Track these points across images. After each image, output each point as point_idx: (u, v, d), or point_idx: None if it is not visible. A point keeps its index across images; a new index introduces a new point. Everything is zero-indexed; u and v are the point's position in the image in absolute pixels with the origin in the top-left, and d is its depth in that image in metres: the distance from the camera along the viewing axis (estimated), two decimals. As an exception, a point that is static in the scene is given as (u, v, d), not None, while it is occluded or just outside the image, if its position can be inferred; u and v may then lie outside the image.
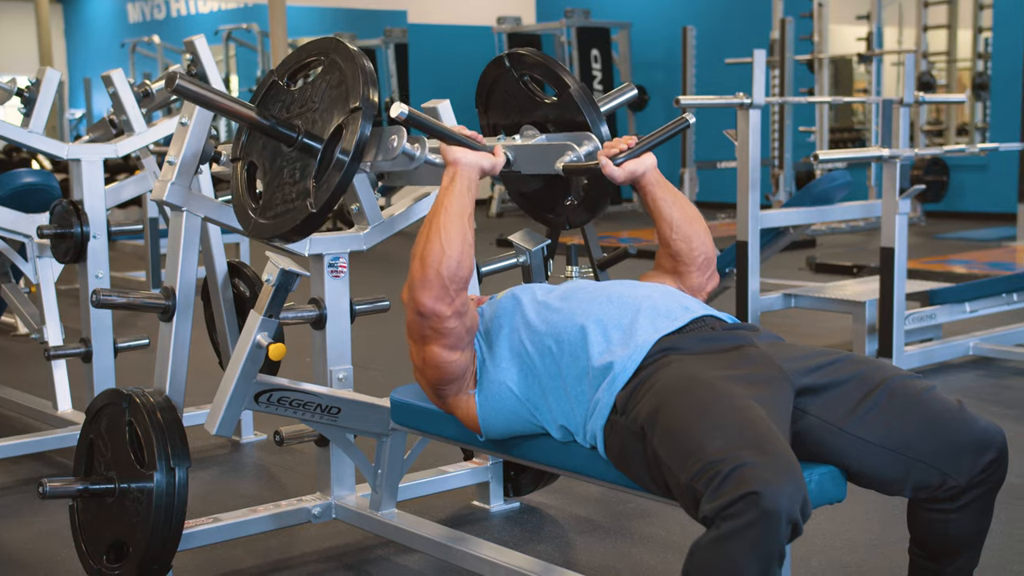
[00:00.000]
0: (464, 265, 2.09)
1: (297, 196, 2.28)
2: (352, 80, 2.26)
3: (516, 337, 2.16)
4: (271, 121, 2.33)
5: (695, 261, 2.34)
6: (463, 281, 2.10)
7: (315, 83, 2.34)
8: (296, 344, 3.57)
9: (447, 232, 2.09)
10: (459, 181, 2.16)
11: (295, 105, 2.37)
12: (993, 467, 1.88)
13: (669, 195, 2.32)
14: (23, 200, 4.11)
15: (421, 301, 2.09)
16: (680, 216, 2.32)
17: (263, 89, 2.46)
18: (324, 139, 2.28)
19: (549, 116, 2.55)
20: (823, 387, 1.95)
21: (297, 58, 2.43)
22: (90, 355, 3.55)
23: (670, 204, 2.32)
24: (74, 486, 2.54)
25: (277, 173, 2.36)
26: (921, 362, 4.69)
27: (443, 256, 2.07)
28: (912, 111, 9.14)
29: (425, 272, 2.08)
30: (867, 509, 3.06)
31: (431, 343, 2.14)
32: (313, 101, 2.32)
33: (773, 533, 1.62)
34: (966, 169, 10.98)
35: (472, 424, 2.22)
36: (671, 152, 12.67)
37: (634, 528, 3.00)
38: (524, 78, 2.60)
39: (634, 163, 2.27)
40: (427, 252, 2.09)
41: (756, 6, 11.73)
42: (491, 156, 2.24)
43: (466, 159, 2.20)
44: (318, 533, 3.00)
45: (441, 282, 2.08)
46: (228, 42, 14.21)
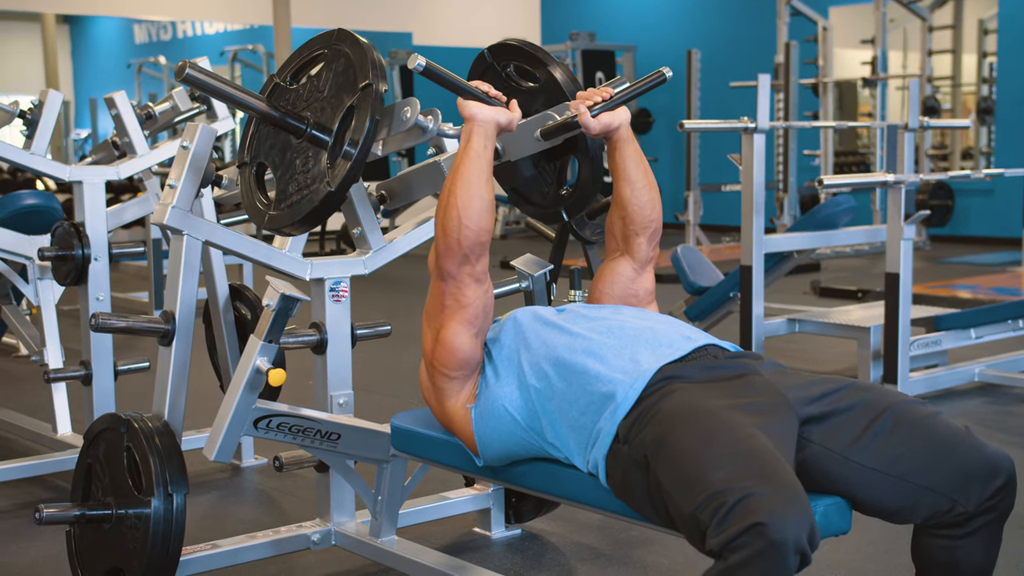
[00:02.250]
0: (484, 230, 2.15)
1: (313, 180, 2.31)
2: (359, 63, 2.28)
3: (516, 360, 2.15)
4: (280, 112, 2.34)
5: (647, 228, 2.37)
6: (484, 246, 2.16)
7: (319, 75, 2.37)
8: (298, 367, 3.55)
9: (464, 200, 2.13)
10: (476, 138, 2.18)
11: (301, 100, 2.40)
12: (1002, 493, 1.86)
13: (636, 155, 2.36)
14: (24, 222, 4.10)
15: (445, 267, 2.15)
16: (642, 179, 2.35)
17: (265, 93, 2.46)
18: (334, 126, 2.30)
19: (537, 104, 2.55)
20: (827, 415, 1.93)
21: (299, 56, 2.45)
22: (90, 378, 3.53)
23: (635, 164, 2.35)
24: (71, 512, 2.52)
25: (288, 166, 2.38)
26: (926, 388, 4.67)
27: (461, 226, 2.13)
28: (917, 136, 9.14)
29: (447, 241, 2.14)
30: (873, 538, 3.03)
31: (450, 316, 2.16)
32: (319, 91, 2.35)
33: (781, 564, 1.60)
34: (971, 194, 10.98)
35: (469, 442, 2.20)
36: (676, 175, 12.70)
37: (636, 556, 2.97)
38: (507, 69, 2.60)
39: (609, 116, 2.31)
40: (447, 221, 2.14)
41: (761, 30, 11.76)
42: (507, 111, 2.25)
43: (483, 114, 2.21)
44: (317, 560, 2.97)
45: (462, 250, 2.14)
46: (234, 63, 14.25)
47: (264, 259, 2.69)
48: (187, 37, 17.56)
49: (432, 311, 2.21)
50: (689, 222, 9.42)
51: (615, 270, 2.40)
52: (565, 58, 12.22)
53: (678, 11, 13.29)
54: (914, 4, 10.63)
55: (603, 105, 2.30)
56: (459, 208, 2.13)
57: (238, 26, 16.26)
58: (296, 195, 2.35)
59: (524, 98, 2.55)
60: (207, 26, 17.10)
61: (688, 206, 9.53)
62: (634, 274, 2.39)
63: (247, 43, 14.52)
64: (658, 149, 12.51)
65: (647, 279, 2.40)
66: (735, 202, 4.71)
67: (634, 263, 2.38)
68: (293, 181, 2.36)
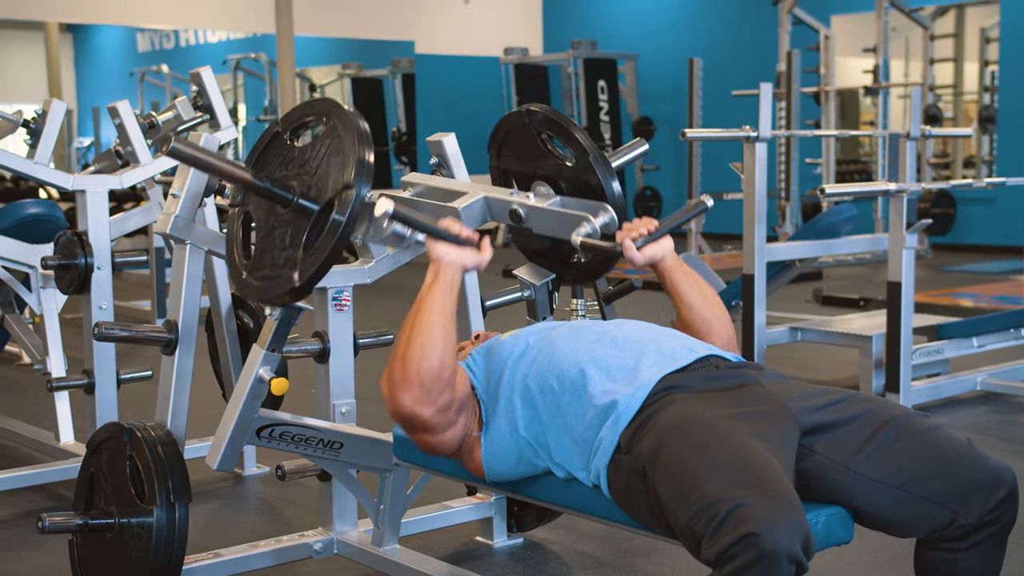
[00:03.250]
0: (446, 365, 2.06)
1: (284, 263, 2.23)
2: (349, 151, 2.19)
3: (519, 376, 2.15)
4: (266, 183, 2.27)
5: (716, 342, 2.33)
6: (445, 381, 2.07)
7: (316, 146, 2.29)
8: (301, 375, 3.55)
9: (429, 334, 2.06)
10: (442, 279, 2.13)
11: (294, 164, 2.31)
12: (1004, 506, 1.86)
13: (688, 278, 2.35)
14: (27, 230, 4.10)
15: (401, 403, 2.07)
16: (699, 300, 2.34)
17: (266, 139, 2.41)
18: (320, 205, 2.21)
19: (563, 174, 2.60)
20: (829, 425, 1.94)
21: (301, 113, 2.39)
22: (93, 387, 3.53)
23: (688, 288, 2.34)
24: (74, 521, 2.52)
25: (269, 232, 2.30)
26: (928, 397, 4.66)
27: (423, 358, 2.04)
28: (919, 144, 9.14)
29: (406, 373, 2.05)
30: (875, 548, 3.03)
31: (418, 434, 2.14)
32: (311, 164, 2.27)
33: (775, 573, 1.61)
34: (973, 202, 10.97)
35: (476, 469, 2.21)
36: (677, 184, 12.70)
37: (638, 566, 2.97)
38: (542, 135, 2.63)
39: (653, 247, 2.29)
40: (408, 353, 2.06)
41: (763, 39, 11.76)
42: (475, 254, 2.17)
43: (449, 256, 2.15)
44: (319, 569, 2.97)
45: (422, 384, 2.05)
46: (236, 71, 14.27)
47: (267, 268, 2.68)
48: (190, 46, 17.58)
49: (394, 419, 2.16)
50: (691, 230, 9.42)
51: None
52: (567, 67, 12.24)
53: (680, 20, 13.30)
54: (916, 13, 10.63)
55: (648, 238, 2.28)
56: (422, 339, 2.05)
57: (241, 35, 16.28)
58: (269, 270, 2.28)
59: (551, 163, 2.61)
60: (210, 35, 17.13)
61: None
62: None
63: (250, 51, 14.54)
64: (660, 157, 12.51)
65: None
66: (737, 210, 4.71)
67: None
68: (270, 252, 2.30)
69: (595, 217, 2.35)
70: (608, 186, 2.52)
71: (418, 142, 13.45)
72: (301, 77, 13.79)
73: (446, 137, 2.91)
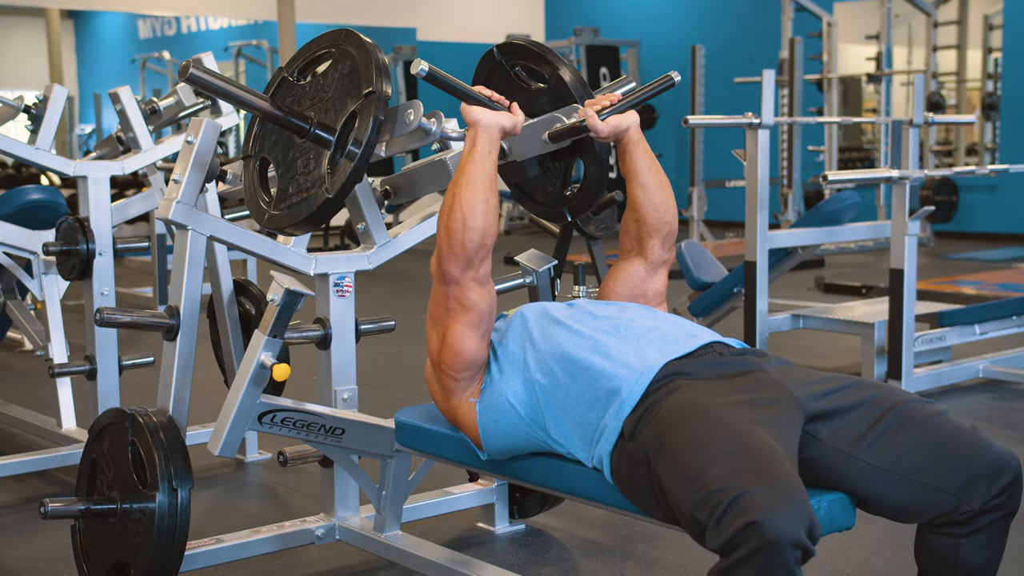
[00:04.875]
0: (488, 233, 2.14)
1: (312, 184, 2.30)
2: (364, 67, 2.28)
3: (521, 356, 2.15)
4: (284, 112, 2.34)
5: (660, 230, 2.37)
6: (488, 249, 2.16)
7: (326, 74, 2.37)
8: (303, 361, 3.55)
9: (469, 203, 2.13)
10: (480, 143, 2.18)
11: (306, 99, 2.39)
12: (1008, 492, 1.86)
13: (647, 157, 2.37)
14: (29, 217, 4.10)
15: (449, 271, 2.14)
16: (654, 181, 2.36)
17: (272, 86, 2.47)
18: (337, 128, 2.29)
19: (544, 104, 2.55)
20: (834, 412, 1.93)
21: (307, 52, 2.45)
22: (95, 373, 3.53)
23: (647, 166, 2.36)
24: (76, 506, 2.52)
25: (290, 165, 2.38)
26: (930, 384, 4.66)
27: (466, 228, 2.12)
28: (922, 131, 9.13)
29: (451, 244, 2.13)
30: (878, 534, 3.03)
31: (455, 319, 2.16)
32: (324, 91, 2.35)
33: (780, 560, 1.61)
34: (976, 189, 10.96)
35: (473, 435, 2.21)
36: (680, 171, 12.68)
37: (640, 552, 2.97)
38: (515, 68, 2.60)
39: (618, 118, 2.32)
40: (451, 224, 2.13)
41: (765, 25, 11.74)
42: (511, 115, 2.26)
43: (487, 119, 2.21)
44: (321, 555, 2.98)
45: (466, 253, 2.13)
46: (238, 58, 14.25)
47: (268, 254, 2.69)
48: (191, 32, 17.56)
49: (436, 314, 2.21)
50: (693, 218, 9.41)
51: (626, 269, 2.40)
52: (569, 54, 12.21)
53: (682, 7, 13.28)
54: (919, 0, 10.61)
55: (611, 109, 2.31)
56: (464, 211, 2.12)
57: (242, 21, 16.27)
58: (296, 196, 2.34)
59: (531, 98, 2.55)
60: (211, 21, 17.11)
61: (692, 202, 9.52)
62: (645, 275, 2.39)
63: (251, 38, 14.53)
64: (662, 145, 12.50)
65: (658, 280, 2.40)
66: (739, 198, 4.71)
67: (646, 264, 2.39)
68: (294, 182, 2.36)
69: (567, 118, 2.37)
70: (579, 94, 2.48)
71: (420, 129, 13.43)
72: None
73: (449, 123, 2.89)
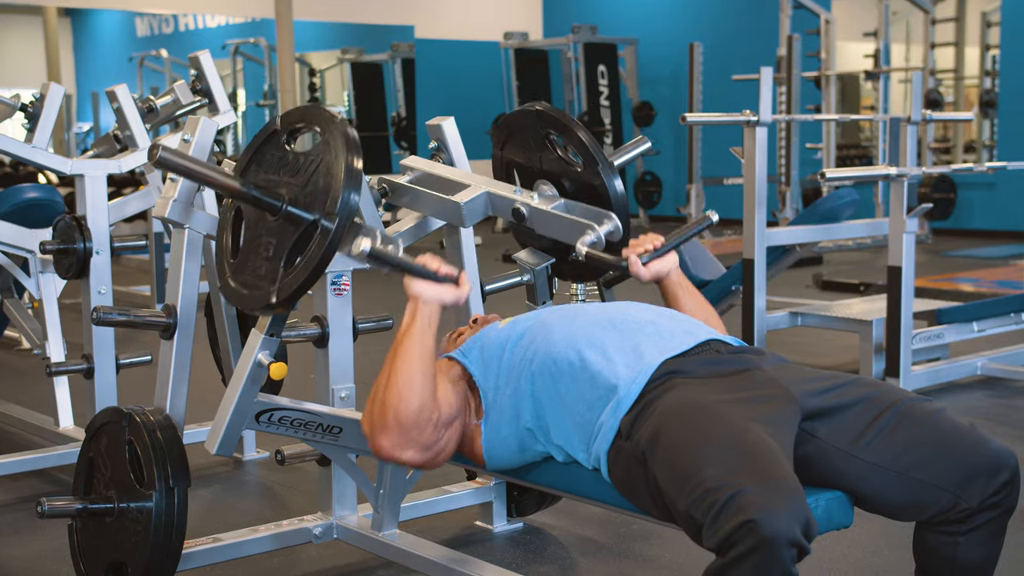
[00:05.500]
0: (425, 407, 2.06)
1: (265, 274, 2.22)
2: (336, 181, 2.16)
3: (517, 361, 2.15)
4: (254, 192, 2.24)
5: None
6: (425, 422, 2.07)
7: (310, 157, 2.25)
8: (301, 360, 3.55)
9: (408, 376, 2.06)
10: (420, 317, 2.12)
11: (286, 170, 2.28)
12: (1006, 490, 1.86)
13: (689, 295, 2.40)
14: (26, 215, 4.09)
15: (379, 445, 2.08)
16: (701, 316, 2.37)
17: (263, 135, 2.38)
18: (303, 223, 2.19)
19: (567, 174, 2.62)
20: (831, 410, 1.93)
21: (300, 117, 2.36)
22: (92, 371, 3.53)
23: (690, 305, 2.39)
24: (73, 505, 2.52)
25: (256, 236, 2.29)
26: (929, 382, 4.66)
27: (400, 402, 2.05)
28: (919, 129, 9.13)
29: (384, 418, 2.06)
30: (876, 532, 3.03)
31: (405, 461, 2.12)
32: (303, 174, 2.24)
33: (776, 559, 1.61)
34: (973, 187, 10.96)
35: (476, 457, 2.21)
36: (678, 168, 12.67)
37: (638, 550, 2.97)
38: (550, 135, 2.64)
39: (659, 263, 2.35)
40: (386, 397, 2.06)
41: (763, 23, 11.73)
42: (453, 289, 2.15)
43: (428, 293, 2.14)
44: (319, 553, 2.97)
45: (400, 429, 2.05)
46: (235, 56, 14.23)
47: (265, 253, 2.68)
48: (189, 30, 17.53)
49: None
50: (691, 215, 9.41)
51: None
52: (567, 51, 12.21)
53: (680, 4, 13.26)
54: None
55: (653, 254, 2.34)
56: (400, 386, 2.05)
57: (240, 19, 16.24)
58: (250, 277, 2.27)
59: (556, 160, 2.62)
60: (209, 19, 17.08)
61: (690, 199, 9.53)
62: None
63: (249, 36, 14.49)
64: (660, 142, 12.48)
65: None
66: (737, 195, 4.70)
67: None
68: (254, 257, 2.28)
69: (600, 226, 2.37)
70: (614, 192, 2.54)
71: (418, 127, 13.44)
72: (300, 62, 13.77)
73: (445, 121, 2.90)
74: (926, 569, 1.94)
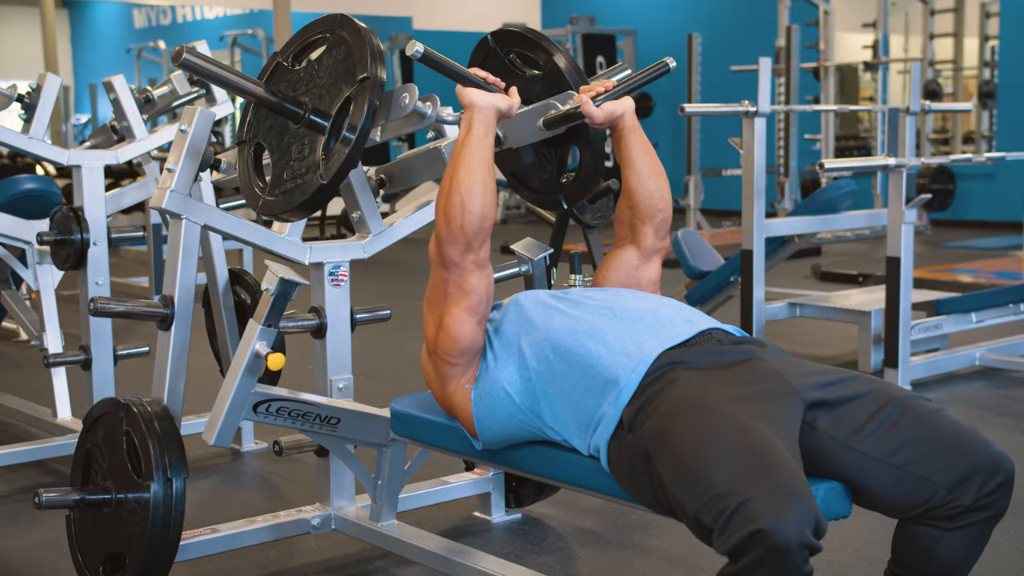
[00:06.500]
0: (487, 216, 2.13)
1: (307, 170, 2.29)
2: (359, 52, 2.26)
3: (516, 343, 2.14)
4: (278, 97, 2.33)
5: (653, 218, 2.36)
6: (487, 232, 2.14)
7: (320, 60, 2.35)
8: (298, 351, 3.55)
9: (467, 186, 2.11)
10: (476, 125, 2.17)
11: (301, 84, 2.38)
12: (999, 492, 1.85)
13: (642, 144, 2.37)
14: (23, 206, 4.09)
15: (448, 255, 2.13)
16: (648, 168, 2.36)
17: (267, 71, 2.45)
18: (332, 114, 2.28)
19: (539, 91, 2.54)
20: (834, 402, 1.93)
21: (302, 37, 2.44)
22: (90, 363, 3.53)
23: (641, 153, 2.36)
24: (71, 496, 2.52)
25: (285, 151, 2.36)
26: (927, 372, 4.66)
27: (464, 212, 2.11)
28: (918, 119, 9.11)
29: (450, 228, 2.12)
30: (874, 521, 3.02)
31: (453, 304, 2.15)
32: (319, 77, 2.33)
33: (787, 564, 1.61)
34: (972, 178, 10.95)
35: (468, 424, 2.20)
36: (676, 159, 12.66)
37: (637, 540, 2.97)
38: (510, 55, 2.59)
39: (612, 104, 2.32)
40: (450, 208, 2.12)
41: (762, 14, 11.71)
42: (507, 97, 2.24)
43: (482, 100, 2.20)
44: (317, 544, 2.97)
45: (465, 236, 2.12)
46: (233, 48, 14.21)
47: (263, 243, 2.68)
48: (187, 22, 17.51)
49: (434, 299, 2.19)
50: (690, 206, 9.40)
51: (620, 257, 2.39)
52: (565, 42, 12.18)
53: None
54: (916, -13, 10.59)
55: (606, 95, 2.31)
56: (462, 194, 2.11)
57: (238, 11, 16.22)
58: (290, 182, 2.33)
59: (526, 84, 2.54)
60: (207, 11, 17.06)
61: (689, 190, 9.51)
62: (639, 262, 2.38)
63: (247, 28, 14.47)
64: (659, 133, 12.48)
65: (652, 268, 2.39)
66: (736, 186, 4.71)
67: (640, 252, 2.38)
68: (288, 168, 2.35)
69: (562, 105, 2.36)
70: (574, 81, 2.47)
71: (416, 118, 13.41)
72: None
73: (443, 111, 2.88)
74: (903, 561, 1.93)
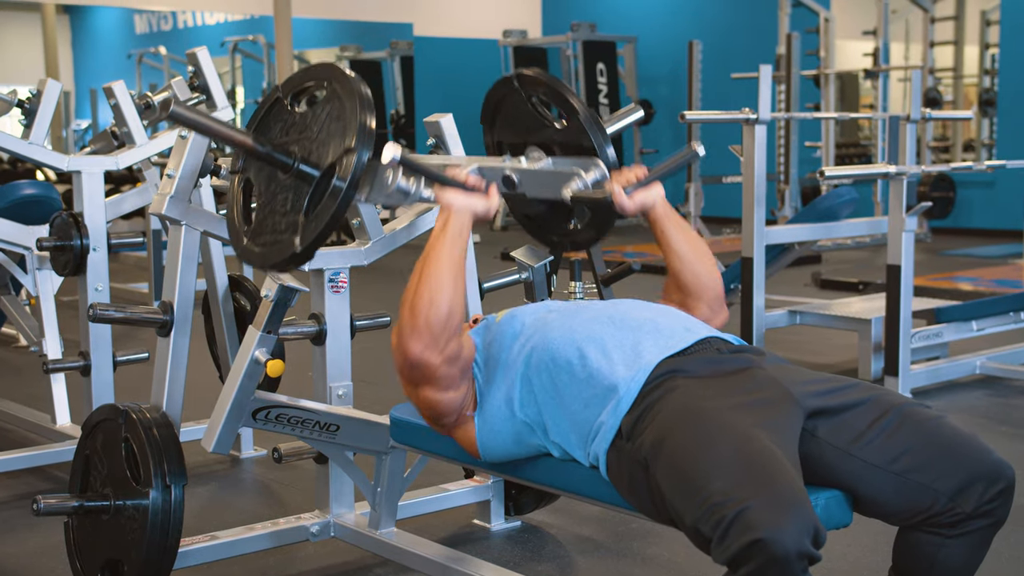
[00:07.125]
0: (455, 313, 2.05)
1: (286, 228, 2.22)
2: (351, 116, 2.18)
3: (515, 356, 2.13)
4: (267, 148, 2.25)
5: (704, 296, 2.32)
6: (454, 329, 2.06)
7: (316, 111, 2.27)
8: (298, 358, 3.54)
9: (437, 281, 2.05)
10: (451, 226, 2.12)
11: (294, 129, 2.30)
12: (1000, 499, 1.84)
13: (678, 227, 2.33)
14: (23, 212, 4.08)
15: (410, 350, 2.05)
16: (689, 250, 2.32)
17: (266, 105, 2.40)
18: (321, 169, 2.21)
19: (556, 138, 2.55)
20: (834, 410, 1.92)
21: (301, 79, 2.37)
22: (89, 369, 3.52)
23: (680, 237, 2.32)
24: (69, 503, 2.51)
25: (271, 198, 2.29)
26: (928, 381, 4.66)
27: (432, 306, 2.03)
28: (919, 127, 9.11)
29: (414, 321, 2.04)
30: (875, 530, 3.01)
31: (422, 387, 2.11)
32: (312, 129, 2.25)
33: (786, 574, 1.60)
34: (973, 186, 10.95)
35: (471, 447, 2.19)
36: (676, 166, 12.66)
37: (636, 548, 2.96)
38: (532, 99, 2.59)
39: (644, 194, 2.28)
40: (416, 301, 2.04)
41: (762, 21, 11.72)
42: (485, 199, 2.17)
43: (460, 203, 2.14)
44: (316, 552, 2.96)
45: (431, 332, 2.03)
46: (234, 54, 14.23)
47: (263, 250, 2.67)
48: (188, 27, 17.53)
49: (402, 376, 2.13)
50: (690, 213, 9.40)
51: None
52: (566, 49, 12.20)
53: (679, 2, 13.25)
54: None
55: (637, 184, 2.27)
56: (431, 288, 2.04)
57: (238, 16, 16.24)
58: (270, 235, 2.25)
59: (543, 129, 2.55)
60: (207, 16, 17.08)
61: (689, 197, 9.51)
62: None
63: (247, 33, 14.49)
64: (659, 140, 12.48)
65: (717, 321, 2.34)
66: (736, 194, 4.70)
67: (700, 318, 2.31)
68: (271, 218, 2.28)
69: (586, 172, 2.34)
70: (599, 144, 2.48)
71: (416, 124, 13.43)
72: (299, 59, 13.75)
73: (443, 118, 2.89)
74: (904, 569, 1.92)
